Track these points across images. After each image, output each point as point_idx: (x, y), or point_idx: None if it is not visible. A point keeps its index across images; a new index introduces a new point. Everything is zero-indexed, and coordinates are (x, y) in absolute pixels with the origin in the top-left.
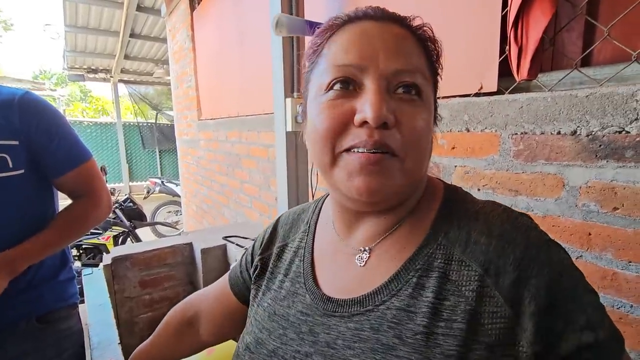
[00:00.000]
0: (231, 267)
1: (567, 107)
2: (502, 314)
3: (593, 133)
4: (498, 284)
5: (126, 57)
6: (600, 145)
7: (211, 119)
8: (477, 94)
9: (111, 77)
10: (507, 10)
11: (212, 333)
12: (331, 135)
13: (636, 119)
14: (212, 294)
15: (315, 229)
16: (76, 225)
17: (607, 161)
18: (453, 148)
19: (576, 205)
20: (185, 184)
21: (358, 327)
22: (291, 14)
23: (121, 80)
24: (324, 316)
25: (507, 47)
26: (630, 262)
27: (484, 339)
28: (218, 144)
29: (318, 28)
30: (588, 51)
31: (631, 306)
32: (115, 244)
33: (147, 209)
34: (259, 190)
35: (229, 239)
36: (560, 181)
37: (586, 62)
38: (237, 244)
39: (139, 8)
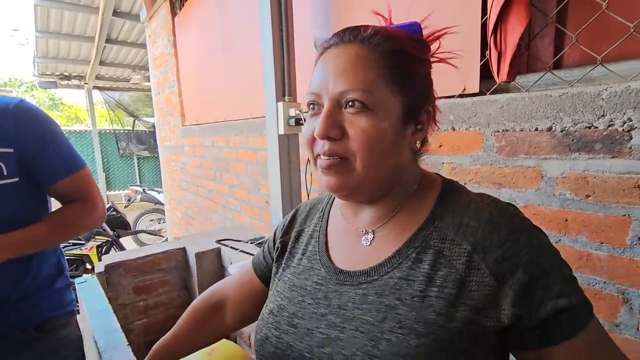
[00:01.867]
0: (254, 256)
1: (543, 106)
2: (487, 283)
3: (566, 129)
4: (484, 259)
5: (101, 63)
6: (573, 140)
7: (196, 125)
8: (461, 95)
9: (85, 83)
10: (486, 18)
11: (236, 317)
12: (308, 143)
13: (603, 115)
14: (236, 281)
15: (328, 216)
16: (70, 224)
17: (579, 153)
18: (440, 146)
19: (554, 195)
20: (169, 191)
21: (365, 292)
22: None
23: (96, 87)
24: (336, 284)
25: (488, 52)
26: (602, 243)
27: (470, 302)
28: (204, 150)
29: None
30: (559, 55)
31: (604, 283)
32: (99, 254)
33: (129, 218)
34: (248, 194)
35: (222, 242)
36: (539, 173)
37: (557, 65)
38: (231, 247)
39: (115, 13)
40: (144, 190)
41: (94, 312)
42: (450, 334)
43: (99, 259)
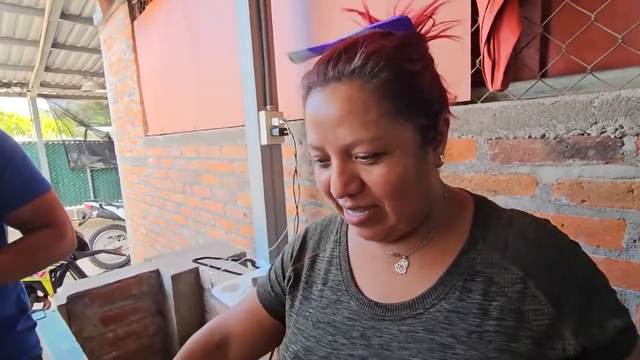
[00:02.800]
0: (257, 285)
1: (536, 114)
2: (545, 311)
3: (560, 136)
4: (539, 285)
5: (47, 69)
6: (566, 147)
7: (161, 135)
8: (451, 103)
9: (28, 91)
10: (476, 27)
11: (243, 354)
12: (326, 193)
13: (595, 123)
14: (240, 315)
15: (347, 239)
16: (35, 255)
17: (573, 160)
18: None
19: (549, 200)
20: (130, 205)
21: (411, 329)
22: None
23: (41, 95)
24: (372, 320)
25: (481, 61)
26: (599, 246)
27: (531, 334)
28: (171, 161)
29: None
30: (551, 64)
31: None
32: (53, 279)
33: (85, 237)
34: (223, 207)
35: (200, 261)
36: (534, 180)
37: (543, 73)
38: (210, 266)
39: (64, 15)
40: (100, 205)
41: (59, 353)
42: None
43: (53, 286)
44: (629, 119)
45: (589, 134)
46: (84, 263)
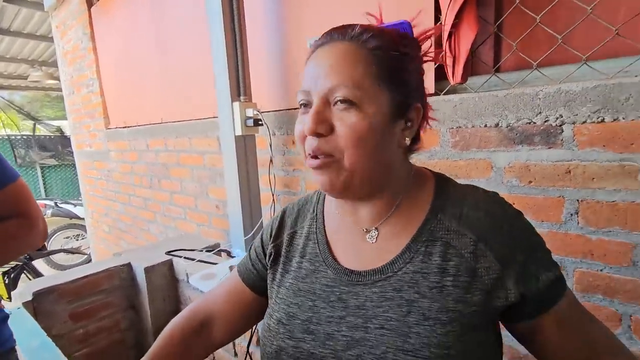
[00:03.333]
0: (237, 265)
1: (491, 105)
2: (494, 267)
3: (511, 124)
4: (489, 247)
5: None
6: (516, 134)
7: (124, 127)
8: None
9: None
10: (439, 24)
11: (227, 331)
12: (300, 140)
13: (540, 113)
14: (221, 295)
15: (323, 215)
16: (8, 244)
17: (522, 146)
18: None
19: (502, 182)
20: (90, 203)
21: (382, 290)
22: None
23: None
24: (348, 285)
25: (443, 56)
26: (543, 221)
27: (482, 286)
28: (136, 154)
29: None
30: (503, 60)
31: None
32: (7, 282)
33: None
34: (194, 200)
35: (173, 253)
36: (489, 164)
37: (498, 69)
38: (185, 257)
39: None
40: (56, 204)
41: (30, 349)
42: (470, 317)
43: (7, 288)
44: (567, 109)
45: (535, 123)
46: (40, 265)
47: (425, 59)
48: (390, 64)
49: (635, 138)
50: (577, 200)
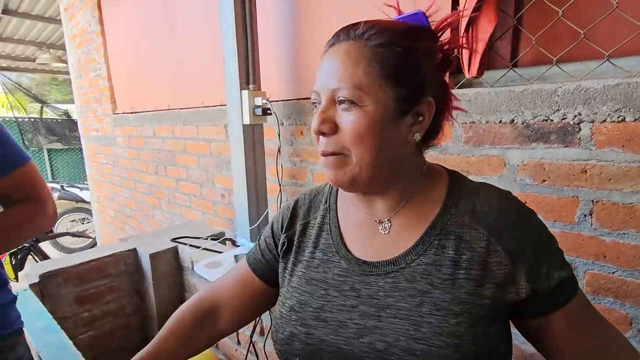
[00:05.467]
0: (246, 255)
1: (507, 101)
2: (505, 262)
3: (527, 121)
4: (500, 242)
5: None
6: (532, 131)
7: (131, 113)
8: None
9: None
10: (456, 11)
11: (234, 320)
12: (315, 139)
13: (558, 110)
14: (229, 283)
15: (336, 207)
16: (15, 229)
17: (537, 143)
18: None
19: (515, 180)
20: (96, 187)
21: (395, 280)
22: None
23: None
24: (361, 275)
25: (459, 49)
26: (555, 221)
27: (494, 280)
28: (143, 140)
29: None
30: (521, 55)
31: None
32: (14, 263)
33: None
34: (200, 188)
35: (179, 240)
36: (502, 161)
37: (515, 63)
38: (190, 245)
39: None
40: (62, 187)
41: (35, 330)
42: (481, 309)
43: (14, 269)
44: (587, 107)
45: (552, 120)
46: (47, 248)
47: (445, 48)
48: (394, 60)
49: None
50: (592, 201)
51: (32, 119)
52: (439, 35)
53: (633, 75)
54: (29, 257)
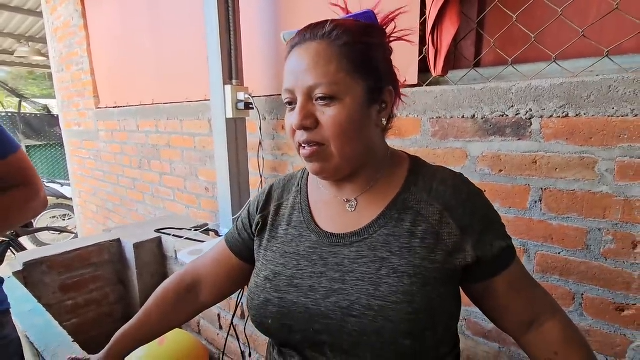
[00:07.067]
0: (225, 235)
1: (469, 97)
2: (455, 233)
3: (486, 116)
4: (453, 216)
5: None
6: (490, 126)
7: (115, 107)
8: (402, 86)
9: None
10: (424, 19)
11: (213, 293)
12: (291, 135)
13: (512, 106)
14: (209, 261)
15: (307, 189)
16: (9, 212)
17: (495, 137)
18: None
19: (475, 171)
20: (78, 182)
21: (358, 249)
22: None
23: None
24: (330, 246)
25: (426, 49)
26: (510, 207)
27: (445, 248)
28: (126, 135)
29: None
30: (482, 55)
31: (511, 240)
32: None
33: None
34: (183, 182)
35: (163, 231)
36: (465, 153)
37: (477, 63)
38: (174, 235)
39: None
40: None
41: (22, 313)
42: (433, 272)
43: None
44: (536, 104)
45: (507, 115)
46: (25, 243)
47: (391, 40)
48: (359, 55)
49: (594, 133)
50: (541, 189)
51: (9, 114)
52: (385, 29)
53: (576, 75)
54: (9, 253)
